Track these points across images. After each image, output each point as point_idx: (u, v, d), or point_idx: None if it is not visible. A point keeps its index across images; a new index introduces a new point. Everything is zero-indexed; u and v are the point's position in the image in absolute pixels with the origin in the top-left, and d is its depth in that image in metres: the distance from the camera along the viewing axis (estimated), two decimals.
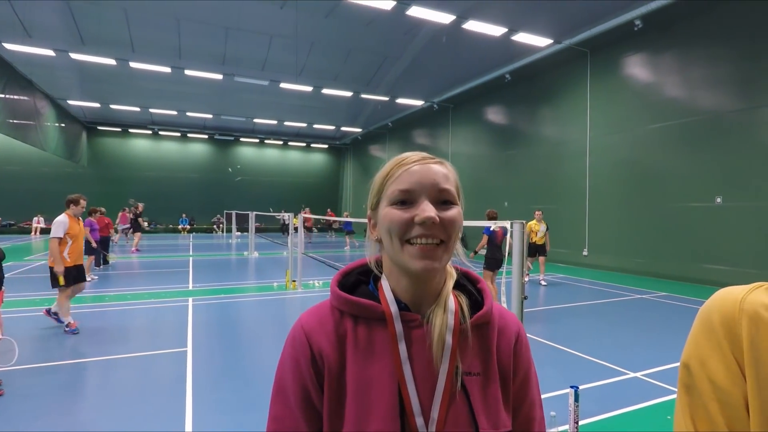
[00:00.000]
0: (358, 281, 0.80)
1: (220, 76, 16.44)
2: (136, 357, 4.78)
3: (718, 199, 9.61)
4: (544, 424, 0.81)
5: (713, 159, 9.70)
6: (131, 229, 17.23)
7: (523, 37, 11.83)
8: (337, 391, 0.69)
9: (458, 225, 0.71)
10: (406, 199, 0.70)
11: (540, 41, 12.03)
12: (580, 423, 3.21)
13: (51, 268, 5.56)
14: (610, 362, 4.72)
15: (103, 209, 10.68)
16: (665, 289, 9.28)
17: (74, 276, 5.74)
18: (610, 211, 12.18)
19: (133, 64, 15.21)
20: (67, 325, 5.62)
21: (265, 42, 17.36)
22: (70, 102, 20.88)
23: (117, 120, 26.22)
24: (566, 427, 3.09)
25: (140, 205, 16.69)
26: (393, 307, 0.72)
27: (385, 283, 0.76)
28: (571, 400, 3.01)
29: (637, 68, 11.66)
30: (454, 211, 0.71)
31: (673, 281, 10.26)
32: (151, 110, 22.96)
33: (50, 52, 14.08)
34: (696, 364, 0.57)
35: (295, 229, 10.16)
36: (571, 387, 3.03)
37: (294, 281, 9.10)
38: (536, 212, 10.05)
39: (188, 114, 23.64)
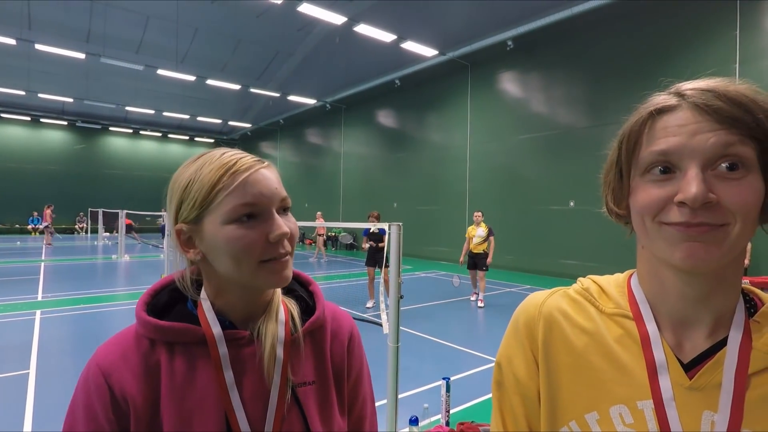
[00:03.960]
0: (173, 300, 0.70)
1: (82, 55, 14.37)
2: None
3: (572, 203, 11.11)
4: (375, 420, 0.82)
5: (568, 168, 11.18)
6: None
7: (411, 46, 12.38)
8: None
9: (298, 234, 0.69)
10: (250, 214, 0.62)
11: (426, 51, 12.71)
12: (452, 411, 3.45)
13: None
14: (480, 351, 5.16)
15: None
16: (530, 282, 10.45)
17: None
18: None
19: None
20: None
21: (140, 22, 15.70)
22: None
23: None
24: (438, 416, 3.30)
25: None
26: (215, 329, 0.65)
27: (205, 302, 0.68)
28: (443, 390, 3.22)
29: (509, 84, 12.96)
30: (293, 219, 0.68)
31: (537, 275, 11.60)
32: None
33: None
34: (505, 362, 0.64)
35: None
36: (443, 378, 3.24)
37: None
38: (475, 213, 8.22)
39: (40, 95, 20.28)
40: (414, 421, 3.07)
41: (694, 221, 0.46)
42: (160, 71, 15.41)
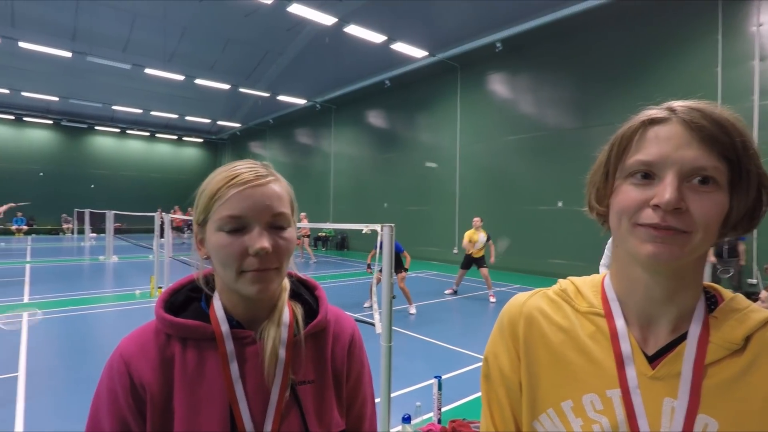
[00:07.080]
0: (189, 299, 0.77)
1: (68, 54, 14.17)
2: None
3: (560, 203, 11.27)
4: (375, 420, 0.87)
5: (556, 169, 11.33)
6: None
7: (401, 47, 12.44)
8: (162, 419, 0.67)
9: (292, 249, 0.72)
10: (237, 226, 0.67)
11: (416, 52, 12.78)
12: (443, 409, 3.51)
13: None
14: (471, 350, 5.23)
15: None
16: (519, 281, 10.58)
17: None
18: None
19: None
20: None
21: (127, 20, 15.52)
22: None
23: None
24: (431, 414, 3.36)
25: None
26: (224, 327, 0.71)
27: (216, 302, 0.74)
28: (435, 389, 3.27)
29: (498, 85, 13.08)
30: (288, 237, 0.71)
31: (525, 274, 11.73)
32: None
33: None
34: (491, 357, 0.71)
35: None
36: (435, 377, 3.30)
37: (160, 287, 8.30)
38: (474, 219, 8.59)
39: (24, 94, 19.94)
40: (407, 419, 3.12)
41: (663, 224, 0.52)
42: (147, 70, 15.26)
